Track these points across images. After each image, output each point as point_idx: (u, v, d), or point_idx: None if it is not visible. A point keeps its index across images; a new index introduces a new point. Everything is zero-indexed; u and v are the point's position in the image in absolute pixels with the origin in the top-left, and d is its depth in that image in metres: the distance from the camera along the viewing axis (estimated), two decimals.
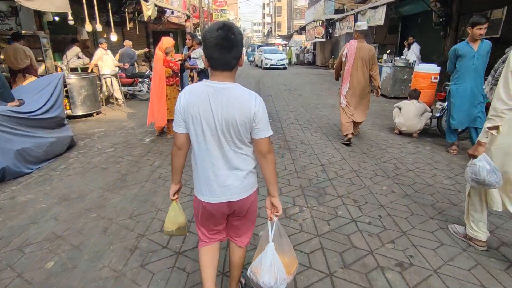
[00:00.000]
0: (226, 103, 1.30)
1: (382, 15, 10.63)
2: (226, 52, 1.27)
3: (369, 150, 4.48)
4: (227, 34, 1.25)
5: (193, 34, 5.22)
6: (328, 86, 11.83)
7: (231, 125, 1.31)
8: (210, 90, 1.31)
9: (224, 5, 21.91)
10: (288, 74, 17.44)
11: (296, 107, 7.78)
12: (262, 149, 1.39)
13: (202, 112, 1.31)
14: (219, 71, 1.33)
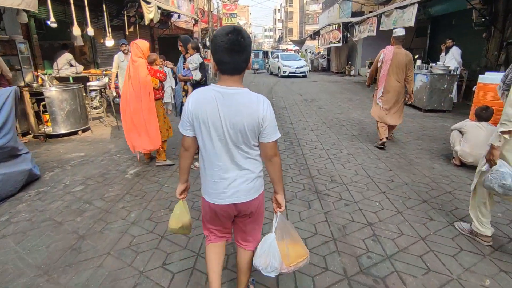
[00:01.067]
0: (235, 108, 1.31)
1: (413, 15, 9.33)
2: (237, 56, 1.29)
3: (430, 196, 3.20)
4: (238, 38, 1.27)
5: (185, 38, 4.07)
6: (349, 96, 10.56)
7: (239, 130, 1.33)
8: (218, 95, 1.32)
9: (234, 9, 20.94)
10: (302, 81, 16.23)
11: (317, 124, 6.55)
12: (269, 152, 1.42)
13: (210, 116, 1.33)
14: (228, 75, 1.34)
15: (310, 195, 3.23)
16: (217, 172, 1.41)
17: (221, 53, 1.28)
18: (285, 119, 6.99)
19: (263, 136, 1.38)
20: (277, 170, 1.48)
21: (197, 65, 3.90)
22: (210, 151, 1.39)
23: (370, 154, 4.53)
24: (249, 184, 1.45)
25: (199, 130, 1.39)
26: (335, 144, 5.03)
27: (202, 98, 1.35)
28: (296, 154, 4.56)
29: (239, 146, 1.37)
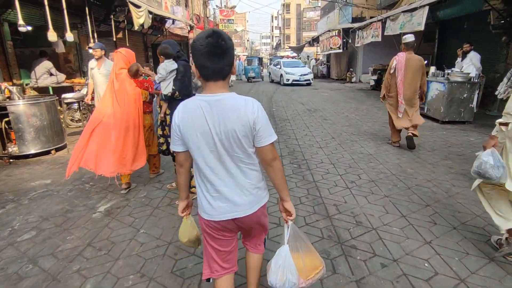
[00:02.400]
0: (223, 115, 1.24)
1: (423, 18, 8.67)
2: (218, 59, 1.22)
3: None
4: (218, 41, 1.20)
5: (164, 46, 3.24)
6: (355, 105, 9.82)
7: (232, 137, 1.26)
8: (204, 104, 1.26)
9: (231, 15, 20.32)
10: (303, 89, 15.51)
11: (325, 139, 5.77)
12: (267, 157, 1.33)
13: (198, 128, 1.26)
14: (212, 81, 1.26)
15: (332, 248, 2.42)
16: (213, 187, 1.34)
17: (202, 57, 1.22)
18: (288, 134, 6.20)
19: (257, 140, 1.30)
20: (279, 175, 1.39)
21: (163, 75, 3.11)
22: (203, 164, 1.32)
23: (395, 180, 3.74)
24: (248, 197, 1.36)
25: (188, 143, 1.32)
26: (351, 166, 4.24)
27: (187, 109, 1.28)
28: (307, 181, 3.76)
29: (234, 155, 1.30)
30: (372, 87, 14.47)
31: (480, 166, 2.10)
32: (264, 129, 1.28)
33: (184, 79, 3.07)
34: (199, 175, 1.37)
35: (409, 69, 4.61)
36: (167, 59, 3.11)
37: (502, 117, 2.09)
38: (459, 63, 7.93)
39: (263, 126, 1.27)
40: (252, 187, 1.36)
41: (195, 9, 18.73)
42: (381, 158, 4.59)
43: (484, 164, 2.08)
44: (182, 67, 3.08)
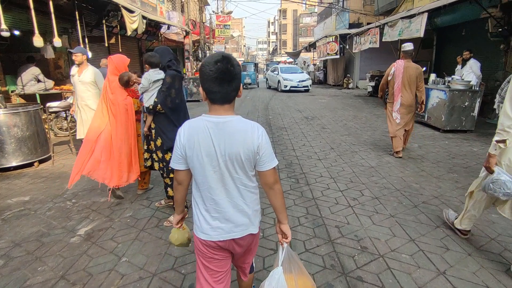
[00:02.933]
0: (229, 137, 1.27)
1: (422, 25, 8.53)
2: (227, 85, 1.25)
3: None
4: (227, 67, 1.22)
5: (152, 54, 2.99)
6: (353, 113, 9.62)
7: (236, 160, 1.28)
8: (211, 125, 1.27)
9: (227, 20, 20.16)
10: (299, 96, 15.32)
11: (324, 149, 5.53)
12: (268, 180, 1.36)
13: (203, 149, 1.28)
14: (219, 104, 1.28)
15: (335, 281, 2.15)
16: (213, 206, 1.34)
17: (210, 82, 1.24)
18: (285, 144, 5.96)
19: (260, 164, 1.33)
20: (280, 198, 1.41)
21: (144, 86, 2.85)
22: (204, 184, 1.33)
23: (400, 197, 3.50)
24: (246, 218, 1.37)
25: (192, 163, 1.32)
26: (352, 181, 3.99)
27: (194, 129, 1.29)
28: (306, 198, 3.51)
29: (236, 176, 1.31)
30: (370, 94, 14.33)
31: (506, 186, 2.07)
32: (267, 155, 1.31)
33: (169, 91, 2.79)
34: (199, 194, 1.38)
35: (406, 77, 4.74)
36: (153, 68, 2.85)
37: (496, 134, 2.11)
38: (459, 71, 7.78)
39: (266, 151, 1.31)
40: (250, 209, 1.38)
41: (191, 14, 18.56)
42: (384, 171, 4.35)
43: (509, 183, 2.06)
44: (170, 78, 2.80)
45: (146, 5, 11.39)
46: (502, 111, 2.06)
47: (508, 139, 2.03)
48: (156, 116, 2.86)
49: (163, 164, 3.03)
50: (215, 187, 1.32)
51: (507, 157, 2.13)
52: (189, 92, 13.31)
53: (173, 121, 2.86)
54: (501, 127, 2.05)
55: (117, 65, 3.30)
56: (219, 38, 20.41)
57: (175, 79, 2.82)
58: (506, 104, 2.03)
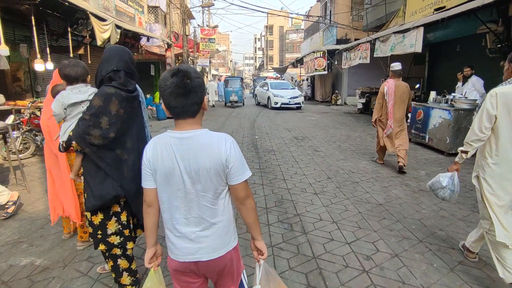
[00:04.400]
0: (194, 153, 1.21)
1: (418, 40, 8.02)
2: (184, 99, 1.19)
3: None
4: (182, 80, 1.18)
5: (65, 66, 2.13)
6: (346, 132, 8.93)
7: (203, 176, 1.22)
8: (174, 141, 1.22)
9: (212, 34, 19.54)
10: (288, 112, 14.62)
11: (320, 179, 4.70)
12: (240, 195, 1.29)
13: (167, 166, 1.22)
14: (181, 119, 1.24)
15: None
16: (177, 226, 1.27)
17: (167, 97, 1.19)
18: (274, 171, 5.10)
19: (230, 178, 1.25)
20: (252, 214, 1.33)
21: (56, 113, 1.97)
22: (168, 203, 1.27)
23: (427, 253, 2.66)
24: (215, 240, 1.28)
25: (157, 181, 1.27)
26: (361, 227, 3.14)
27: (157, 146, 1.25)
28: (304, 257, 2.62)
29: (204, 194, 1.24)
30: (360, 111, 13.80)
31: (434, 183, 2.50)
32: (237, 167, 1.25)
33: (96, 120, 1.80)
34: (164, 214, 1.31)
35: (398, 95, 4.94)
36: (71, 84, 1.97)
37: (463, 145, 2.29)
38: (460, 88, 7.24)
39: (236, 163, 1.24)
40: (220, 228, 1.29)
41: (174, 26, 17.87)
42: (395, 210, 3.54)
43: (437, 184, 2.47)
44: (99, 99, 1.83)
45: (123, 14, 10.57)
46: (472, 125, 2.24)
47: (469, 151, 2.25)
48: (87, 158, 1.93)
49: (98, 232, 2.00)
50: (179, 205, 1.25)
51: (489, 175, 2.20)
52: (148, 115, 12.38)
53: (102, 168, 1.86)
54: (467, 140, 2.25)
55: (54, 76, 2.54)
56: (203, 51, 19.72)
57: (110, 101, 1.84)
58: (475, 121, 2.21)
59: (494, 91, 2.13)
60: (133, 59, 2.09)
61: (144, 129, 2.20)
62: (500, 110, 2.06)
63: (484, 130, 2.12)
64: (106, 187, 1.87)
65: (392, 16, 11.58)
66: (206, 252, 1.27)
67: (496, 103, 2.07)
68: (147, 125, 2.27)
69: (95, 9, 8.41)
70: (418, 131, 7.14)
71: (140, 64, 17.62)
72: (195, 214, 1.25)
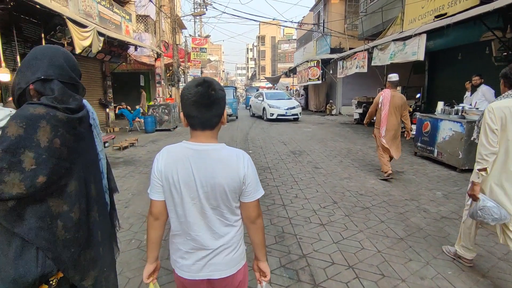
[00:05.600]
0: (211, 167, 1.16)
1: (420, 48, 7.60)
2: (206, 110, 1.16)
3: None
4: (207, 91, 1.15)
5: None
6: (346, 145, 8.37)
7: (219, 192, 1.17)
8: (191, 153, 1.17)
9: (204, 43, 19.05)
10: (282, 123, 14.06)
11: (326, 205, 4.08)
12: (252, 213, 1.25)
13: (182, 178, 1.17)
14: (199, 130, 1.19)
15: None
16: (189, 242, 1.21)
17: (189, 106, 1.16)
18: (272, 194, 4.46)
19: (245, 195, 1.22)
20: (261, 234, 1.30)
21: None
22: (181, 217, 1.21)
23: None
24: (228, 256, 1.23)
25: (168, 193, 1.20)
26: (384, 274, 2.50)
27: (173, 156, 1.19)
28: None
29: (218, 209, 1.20)
30: (357, 121, 13.33)
31: (493, 212, 2.21)
32: (253, 185, 1.21)
33: (12, 158, 1.10)
34: (175, 228, 1.24)
35: (393, 106, 5.02)
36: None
37: (477, 163, 2.28)
38: (468, 98, 6.78)
39: (253, 181, 1.21)
40: (233, 246, 1.24)
41: (165, 36, 17.33)
42: (422, 248, 2.92)
43: (495, 209, 2.20)
44: (16, 126, 1.13)
45: (108, 22, 9.97)
46: (479, 142, 2.29)
47: (488, 167, 2.22)
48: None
49: None
50: (192, 220, 1.19)
51: (488, 184, 2.30)
52: (159, 119, 11.75)
53: (19, 234, 1.19)
54: (480, 156, 2.25)
55: None
56: (194, 61, 19.20)
57: (37, 127, 1.15)
58: (481, 135, 2.27)
59: (491, 106, 2.25)
60: (76, 64, 1.44)
61: (97, 165, 1.54)
62: (497, 125, 2.18)
63: (493, 144, 2.19)
64: (25, 264, 1.19)
65: (389, 24, 11.23)
66: (219, 269, 1.22)
67: (495, 118, 2.18)
68: (102, 156, 1.62)
69: (74, 15, 7.80)
70: (425, 144, 6.62)
71: (129, 74, 17.00)
72: (210, 230, 1.21)
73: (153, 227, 1.27)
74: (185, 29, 25.20)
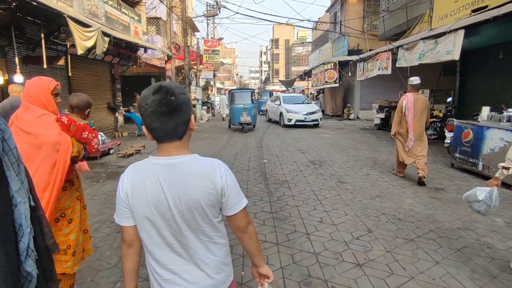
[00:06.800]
0: (184, 182, 1.03)
1: (456, 45, 6.74)
2: (168, 119, 1.01)
3: None
4: (165, 97, 1.00)
5: None
6: (371, 155, 7.55)
7: (195, 209, 1.04)
8: (159, 169, 1.04)
9: (216, 45, 18.53)
10: (298, 129, 13.28)
11: (359, 233, 3.32)
12: (241, 224, 1.14)
13: (152, 198, 1.03)
14: (166, 142, 1.05)
15: None
16: (169, 266, 1.07)
17: (148, 117, 1.01)
18: (292, 217, 3.73)
19: (227, 208, 1.10)
20: (255, 241, 1.19)
21: None
22: (156, 241, 1.06)
23: None
24: (214, 277, 1.11)
25: (138, 217, 1.06)
26: None
27: (139, 175, 1.06)
28: None
29: (198, 228, 1.06)
30: (378, 127, 12.44)
31: (470, 195, 2.61)
32: (235, 195, 1.10)
33: None
34: (150, 255, 1.10)
35: (417, 109, 4.93)
36: None
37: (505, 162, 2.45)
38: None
39: (233, 191, 1.09)
40: (219, 264, 1.12)
41: (177, 39, 16.92)
42: None
43: (473, 196, 2.57)
44: None
45: (115, 22, 9.52)
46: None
47: (511, 167, 2.39)
48: None
49: None
50: (170, 243, 1.05)
51: None
52: None
53: None
54: (509, 155, 2.44)
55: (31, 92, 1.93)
56: (207, 64, 18.72)
57: None
58: None
59: None
60: None
61: (7, 219, 0.89)
62: None
63: None
64: None
65: (415, 22, 10.35)
66: None
67: None
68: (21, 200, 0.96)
69: (78, 14, 7.34)
70: (465, 155, 5.75)
71: (140, 78, 16.64)
72: (191, 251, 1.07)
73: (128, 255, 1.15)
74: (198, 31, 24.85)
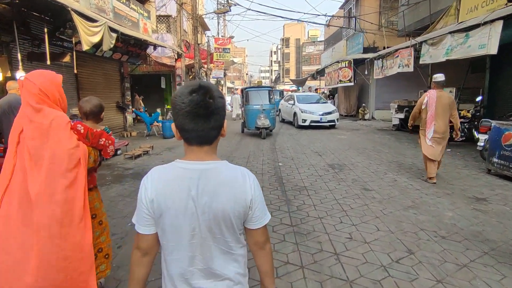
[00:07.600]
0: (213, 190, 0.95)
1: (492, 38, 6.11)
2: (203, 121, 0.94)
3: None
4: (204, 99, 0.93)
5: None
6: (393, 157, 6.99)
7: (222, 219, 0.96)
8: (189, 174, 0.96)
9: (227, 44, 18.15)
10: (313, 129, 12.74)
11: (396, 254, 2.82)
12: (260, 239, 1.07)
13: (178, 204, 0.96)
14: (196, 146, 0.99)
15: None
16: (190, 280, 1.00)
17: (182, 118, 0.94)
18: (316, 232, 3.25)
19: (252, 221, 1.03)
20: (270, 260, 1.12)
21: None
22: (177, 251, 0.99)
23: None
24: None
25: (162, 224, 0.99)
26: None
27: (165, 180, 0.98)
28: None
29: (221, 240, 0.99)
30: (397, 127, 11.80)
31: None
32: (261, 209, 1.03)
33: None
34: (169, 265, 1.02)
35: (440, 106, 4.78)
36: None
37: None
38: None
39: (260, 204, 1.02)
40: (239, 275, 1.05)
41: (186, 36, 16.59)
42: None
43: None
44: None
45: (123, 18, 9.19)
46: None
47: None
48: None
49: None
50: (192, 254, 0.99)
51: None
52: None
53: None
54: None
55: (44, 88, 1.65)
56: (217, 62, 18.35)
57: None
58: None
59: None
60: None
61: None
62: None
63: None
64: None
65: (439, 16, 9.70)
66: None
67: None
68: None
69: (84, 8, 7.01)
70: (506, 160, 5.15)
71: (150, 76, 16.37)
72: (211, 265, 0.99)
73: (140, 264, 1.04)
74: (208, 30, 24.53)
